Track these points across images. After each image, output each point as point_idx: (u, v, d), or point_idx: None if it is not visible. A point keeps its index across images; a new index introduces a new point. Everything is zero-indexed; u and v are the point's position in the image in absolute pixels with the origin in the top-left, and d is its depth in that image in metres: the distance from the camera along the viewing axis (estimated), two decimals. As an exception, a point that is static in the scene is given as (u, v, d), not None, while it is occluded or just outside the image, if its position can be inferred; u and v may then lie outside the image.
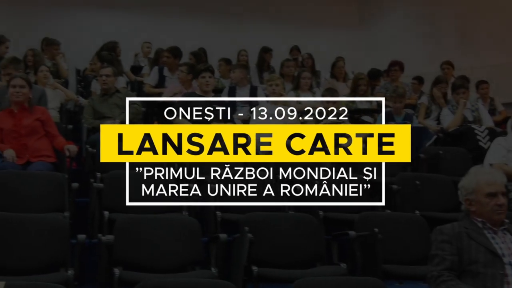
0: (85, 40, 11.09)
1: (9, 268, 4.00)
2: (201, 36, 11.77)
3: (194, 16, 12.44)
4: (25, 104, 5.70)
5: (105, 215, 4.83)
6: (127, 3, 12.27)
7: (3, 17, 11.35)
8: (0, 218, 4.20)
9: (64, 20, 11.88)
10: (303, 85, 8.12)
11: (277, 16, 12.94)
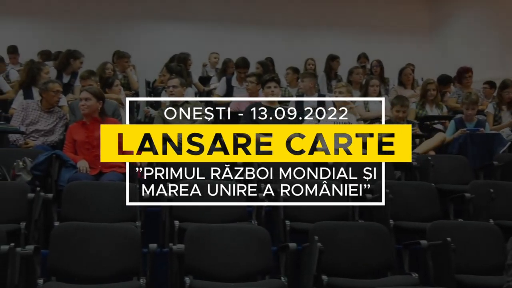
0: (155, 52, 11.30)
1: (83, 276, 4.10)
2: (268, 45, 11.82)
3: (261, 27, 12.50)
4: (96, 116, 5.83)
5: (176, 225, 4.88)
6: (196, 15, 12.43)
7: (74, 31, 11.70)
8: (74, 227, 4.31)
9: (134, 33, 12.13)
10: (371, 92, 8.03)
11: (345, 24, 12.86)
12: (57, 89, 6.63)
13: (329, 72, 9.88)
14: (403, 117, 7.07)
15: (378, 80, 8.35)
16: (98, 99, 5.85)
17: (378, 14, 13.03)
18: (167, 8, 12.34)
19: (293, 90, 9.02)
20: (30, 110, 6.57)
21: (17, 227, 4.69)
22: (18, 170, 5.54)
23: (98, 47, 9.42)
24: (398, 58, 10.92)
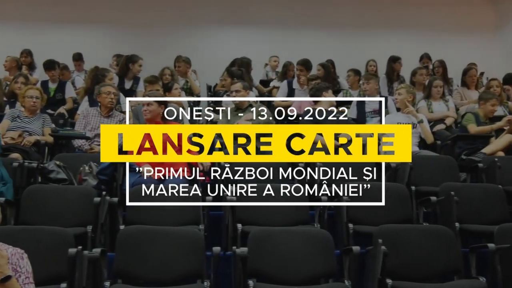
0: (215, 57, 11.39)
1: (148, 279, 4.17)
2: (328, 47, 11.76)
3: (321, 29, 12.44)
4: (159, 121, 5.91)
5: (239, 228, 4.90)
6: (255, 19, 12.46)
7: (136, 37, 11.90)
8: (139, 231, 4.38)
9: (195, 38, 12.25)
10: (434, 93, 7.90)
11: (407, 24, 12.68)
12: (108, 91, 6.77)
13: (391, 74, 9.75)
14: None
15: (441, 81, 8.21)
16: (159, 104, 5.92)
17: (441, 14, 12.79)
18: (228, 13, 12.41)
19: (354, 92, 8.95)
20: (90, 117, 6.74)
21: (84, 230, 4.79)
22: (85, 174, 5.67)
23: (161, 53, 9.55)
24: (462, 58, 10.72)
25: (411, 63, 10.15)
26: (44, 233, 4.17)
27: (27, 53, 10.33)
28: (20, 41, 10.91)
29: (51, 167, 5.66)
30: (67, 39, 11.80)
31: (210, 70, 11.00)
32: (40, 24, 12.05)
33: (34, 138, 6.46)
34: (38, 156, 6.28)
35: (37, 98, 6.72)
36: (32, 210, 5.02)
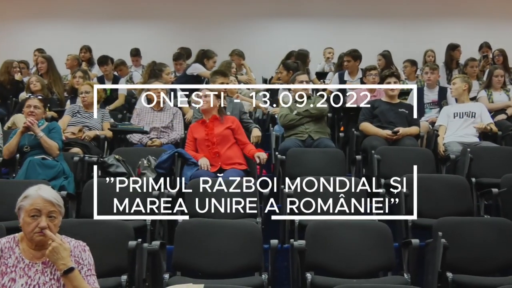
0: (271, 50, 11.40)
1: (207, 271, 4.20)
2: (384, 38, 11.63)
3: (376, 19, 12.30)
4: (215, 114, 5.94)
5: (296, 221, 4.89)
6: (310, 11, 12.40)
7: (192, 31, 12.00)
8: (197, 224, 4.43)
9: (251, 31, 12.28)
10: (495, 83, 7.71)
11: (465, 13, 12.42)
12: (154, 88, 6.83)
13: (450, 62, 9.55)
14: None
15: (502, 70, 8.01)
16: (217, 97, 5.95)
17: (500, 1, 12.48)
18: (282, 6, 12.39)
19: (411, 83, 8.81)
20: (143, 114, 6.83)
21: (143, 223, 4.85)
22: (143, 168, 5.74)
23: (216, 47, 9.57)
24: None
25: (470, 53, 9.92)
26: (105, 226, 4.25)
27: (86, 49, 10.53)
28: (80, 38, 11.14)
29: (111, 161, 5.75)
30: (124, 35, 11.99)
31: (265, 63, 11.02)
32: (98, 21, 12.27)
33: (94, 132, 6.58)
34: (98, 151, 6.39)
35: (86, 93, 6.81)
36: (92, 203, 5.10)
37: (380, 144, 6.31)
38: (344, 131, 7.54)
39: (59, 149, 5.70)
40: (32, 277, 2.94)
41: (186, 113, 7.20)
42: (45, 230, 2.95)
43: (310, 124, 6.60)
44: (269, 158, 6.30)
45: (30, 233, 2.97)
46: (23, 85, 8.88)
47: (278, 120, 6.95)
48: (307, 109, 6.61)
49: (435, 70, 7.71)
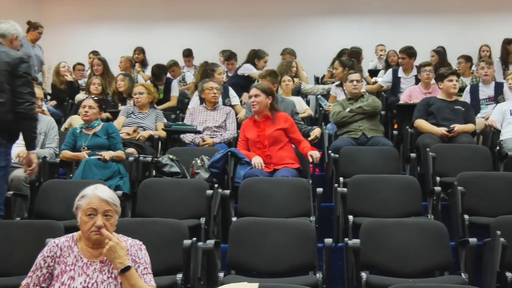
0: (322, 48, 11.37)
1: (261, 270, 4.21)
2: (439, 34, 11.45)
3: (429, 15, 12.12)
4: (266, 112, 5.93)
5: (350, 220, 4.86)
6: (360, 9, 12.30)
7: (243, 31, 12.04)
8: (251, 223, 4.44)
9: (301, 30, 12.24)
10: (553, 78, 7.50)
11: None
12: (210, 86, 6.88)
13: (506, 57, 9.35)
14: None
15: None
16: (267, 95, 5.93)
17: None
18: (333, 4, 12.31)
19: (466, 79, 8.66)
20: (196, 114, 6.90)
21: (197, 222, 4.89)
22: (197, 168, 5.79)
23: (268, 46, 9.59)
24: None
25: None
26: (160, 225, 4.30)
27: (139, 50, 10.69)
28: (133, 40, 11.30)
29: (165, 161, 5.82)
30: (177, 36, 12.11)
31: (317, 61, 10.98)
32: (151, 22, 12.42)
33: (148, 133, 6.66)
34: (152, 151, 6.47)
35: (140, 93, 6.90)
36: (147, 202, 5.18)
37: (433, 142, 6.21)
38: (398, 128, 7.45)
39: (123, 154, 5.79)
40: (91, 276, 2.99)
41: (239, 112, 7.23)
42: (102, 229, 3.00)
43: (363, 121, 6.55)
44: (322, 156, 6.28)
45: (87, 232, 3.03)
46: (78, 86, 9.08)
47: (331, 117, 6.92)
48: (360, 106, 6.56)
49: (491, 65, 7.55)
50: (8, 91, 4.44)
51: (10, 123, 4.48)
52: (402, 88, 8.31)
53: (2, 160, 4.48)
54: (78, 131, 5.95)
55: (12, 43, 4.74)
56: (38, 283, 3.00)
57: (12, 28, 4.76)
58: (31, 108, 4.53)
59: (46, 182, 5.38)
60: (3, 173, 4.52)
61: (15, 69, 4.47)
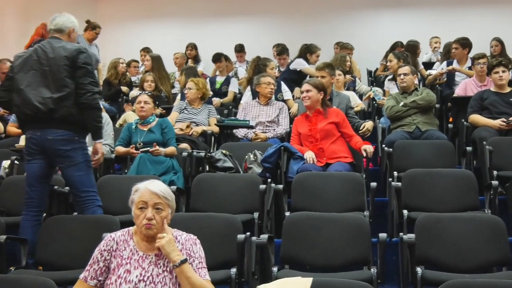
0: (374, 41, 11.26)
1: (315, 265, 4.20)
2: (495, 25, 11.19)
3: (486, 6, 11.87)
4: (318, 108, 5.91)
5: (404, 214, 4.81)
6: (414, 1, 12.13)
7: (294, 25, 12.03)
8: (305, 217, 4.42)
9: (353, 23, 12.15)
10: None
11: None
12: (268, 81, 6.88)
13: None
14: None
15: None
16: (319, 91, 5.92)
17: None
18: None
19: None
20: (249, 108, 6.93)
21: (251, 217, 4.92)
22: (250, 163, 5.81)
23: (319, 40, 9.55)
24: None
25: None
26: (214, 220, 4.34)
27: (192, 46, 10.78)
28: (186, 36, 11.40)
29: (218, 156, 5.85)
30: (228, 31, 12.15)
31: (370, 55, 10.88)
32: (203, 18, 12.50)
33: (201, 128, 6.71)
34: (206, 146, 6.52)
35: (189, 89, 6.95)
36: (201, 197, 5.22)
37: (489, 135, 6.08)
38: (453, 122, 7.32)
39: (175, 151, 5.85)
40: (146, 269, 3.03)
41: (291, 107, 7.22)
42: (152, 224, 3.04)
43: (417, 115, 6.46)
44: (376, 151, 6.23)
45: (139, 225, 3.07)
46: (132, 83, 9.20)
47: (384, 111, 6.85)
48: (414, 100, 6.48)
49: None
50: (71, 85, 4.47)
51: (77, 117, 4.51)
52: (457, 81, 8.16)
53: (80, 155, 4.52)
54: (134, 126, 6.03)
55: (69, 37, 4.74)
56: (95, 276, 3.06)
57: (68, 21, 4.78)
58: (93, 98, 4.52)
59: (102, 177, 5.47)
60: (86, 167, 4.56)
61: (74, 61, 4.49)
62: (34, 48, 4.63)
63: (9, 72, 4.70)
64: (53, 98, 4.42)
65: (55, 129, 4.46)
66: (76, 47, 4.59)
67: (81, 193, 4.53)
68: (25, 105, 4.49)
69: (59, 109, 4.43)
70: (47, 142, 4.47)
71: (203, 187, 5.29)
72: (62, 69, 4.48)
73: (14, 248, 4.61)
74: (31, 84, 4.49)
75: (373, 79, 10.05)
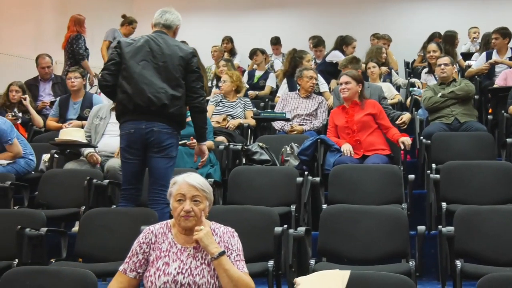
0: (411, 32, 11.16)
1: (352, 258, 4.18)
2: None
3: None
4: (356, 100, 5.89)
5: (443, 207, 4.76)
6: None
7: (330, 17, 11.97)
8: (342, 210, 4.41)
9: (390, 15, 12.05)
10: None
11: None
12: (310, 75, 6.86)
13: None
14: None
15: None
16: (357, 82, 5.90)
17: None
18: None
19: None
20: (289, 99, 6.92)
21: (288, 210, 4.92)
22: (286, 155, 5.81)
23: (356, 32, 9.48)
24: None
25: None
26: (251, 212, 4.35)
27: (228, 39, 10.80)
28: (222, 29, 11.40)
29: (255, 148, 5.86)
30: (265, 24, 12.16)
31: (407, 46, 10.77)
32: (239, 12, 12.53)
33: (238, 121, 6.73)
34: (242, 139, 6.53)
35: (224, 81, 6.97)
36: (238, 190, 5.24)
37: (531, 126, 6.00)
38: (492, 113, 7.22)
39: (213, 144, 5.87)
40: (184, 261, 3.04)
41: (327, 99, 7.20)
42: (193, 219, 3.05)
43: (456, 106, 6.39)
44: (413, 143, 6.17)
45: (177, 217, 3.09)
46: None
47: (422, 103, 6.78)
48: (452, 91, 6.40)
49: None
50: (183, 86, 4.48)
51: (183, 116, 4.53)
52: (497, 72, 8.03)
53: (175, 151, 4.54)
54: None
55: (174, 34, 4.78)
56: (135, 269, 3.08)
57: (177, 19, 4.79)
58: (204, 102, 4.57)
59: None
60: (174, 163, 4.58)
61: (188, 64, 4.50)
62: (146, 39, 4.59)
63: (115, 56, 4.55)
64: (167, 94, 4.42)
65: (161, 123, 4.44)
66: (190, 50, 4.60)
67: (161, 187, 4.41)
68: (137, 95, 4.42)
69: (172, 107, 4.42)
70: (152, 133, 4.43)
71: (240, 180, 5.30)
72: (177, 69, 4.48)
73: (55, 241, 4.69)
74: (143, 75, 4.45)
75: (411, 70, 9.95)
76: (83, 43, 8.48)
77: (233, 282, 2.98)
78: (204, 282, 3.00)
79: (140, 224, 3.83)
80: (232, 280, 2.98)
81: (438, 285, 4.34)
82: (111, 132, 5.83)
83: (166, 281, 2.99)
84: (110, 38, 8.92)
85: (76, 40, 8.42)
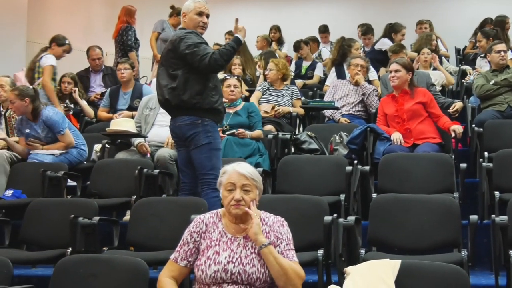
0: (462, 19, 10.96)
1: (403, 247, 4.15)
2: None
3: None
4: (406, 88, 5.82)
5: (496, 195, 4.68)
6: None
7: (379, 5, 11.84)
8: (392, 199, 4.37)
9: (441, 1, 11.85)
10: None
11: None
12: (356, 63, 6.83)
13: None
14: None
15: None
16: (407, 71, 5.84)
17: None
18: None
19: None
20: (339, 86, 6.87)
21: (337, 199, 4.90)
22: (335, 144, 5.79)
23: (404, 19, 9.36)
24: None
25: None
26: (301, 201, 4.34)
27: (275, 29, 10.76)
28: (269, 19, 11.37)
29: (303, 137, 5.85)
30: (313, 12, 12.08)
31: (458, 32, 10.58)
32: (287, 1, 12.45)
33: (288, 108, 6.71)
34: (291, 128, 6.52)
35: (270, 70, 6.96)
36: (287, 179, 5.24)
37: None
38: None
39: (261, 134, 5.88)
40: (235, 251, 3.06)
41: (377, 88, 7.12)
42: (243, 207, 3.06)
43: (509, 93, 6.26)
44: (465, 131, 6.07)
45: (227, 206, 3.10)
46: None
47: (474, 91, 6.66)
48: (505, 78, 6.27)
49: None
50: (178, 74, 4.52)
51: (194, 99, 4.54)
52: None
53: (202, 138, 4.54)
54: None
55: (183, 22, 4.88)
56: (186, 257, 3.11)
57: (185, 6, 4.93)
58: (211, 56, 4.56)
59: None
60: (208, 149, 4.58)
61: (177, 51, 4.54)
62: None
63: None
64: (167, 89, 4.57)
65: (180, 116, 4.57)
66: (175, 37, 4.66)
67: (200, 175, 4.56)
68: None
69: (174, 99, 4.54)
70: (177, 128, 4.60)
71: (289, 169, 5.30)
72: (170, 62, 4.63)
73: (107, 229, 4.77)
74: (158, 78, 4.73)
75: (462, 57, 9.78)
76: (133, 34, 8.58)
77: (283, 270, 2.98)
78: (254, 271, 3.01)
79: (190, 213, 3.86)
80: (282, 268, 2.99)
81: (491, 275, 4.26)
82: (160, 122, 5.89)
83: (216, 270, 3.01)
84: (159, 29, 8.99)
85: (126, 32, 8.53)
